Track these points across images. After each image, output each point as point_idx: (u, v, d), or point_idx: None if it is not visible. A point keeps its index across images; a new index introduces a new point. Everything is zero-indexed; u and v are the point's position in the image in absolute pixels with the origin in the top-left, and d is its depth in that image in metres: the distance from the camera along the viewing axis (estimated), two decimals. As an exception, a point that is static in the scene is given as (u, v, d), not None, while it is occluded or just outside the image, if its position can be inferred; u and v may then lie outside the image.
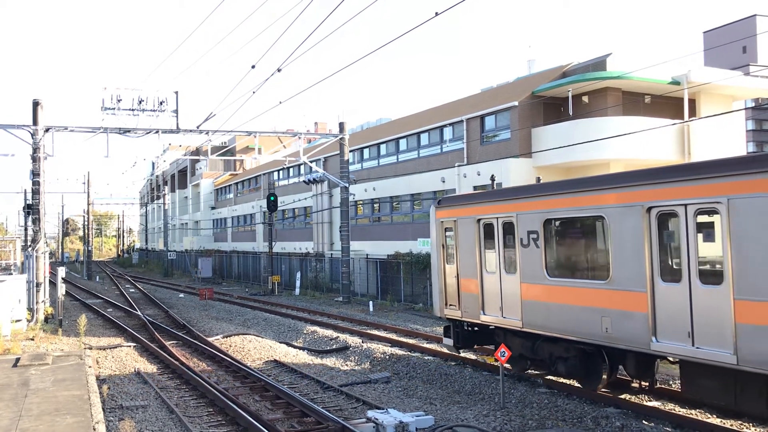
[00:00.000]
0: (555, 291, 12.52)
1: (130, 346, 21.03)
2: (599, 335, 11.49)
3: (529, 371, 14.70)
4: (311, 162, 37.63)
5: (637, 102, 28.37)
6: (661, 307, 10.37)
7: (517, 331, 13.81)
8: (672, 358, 11.09)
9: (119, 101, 29.56)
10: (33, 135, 27.85)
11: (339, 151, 35.78)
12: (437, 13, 11.85)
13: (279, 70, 16.89)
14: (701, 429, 10.68)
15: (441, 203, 16.44)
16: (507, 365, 14.08)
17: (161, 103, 30.06)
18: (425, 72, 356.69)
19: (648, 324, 10.51)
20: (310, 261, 43.09)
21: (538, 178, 16.88)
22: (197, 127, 30.71)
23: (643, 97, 28.74)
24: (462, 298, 15.34)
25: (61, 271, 30.37)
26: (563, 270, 12.68)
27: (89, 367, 15.09)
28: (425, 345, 19.19)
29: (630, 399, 12.48)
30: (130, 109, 29.77)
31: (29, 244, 30.07)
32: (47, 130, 28.39)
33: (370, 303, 30.53)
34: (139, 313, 29.30)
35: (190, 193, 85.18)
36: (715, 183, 9.47)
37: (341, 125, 35.66)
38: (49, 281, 30.42)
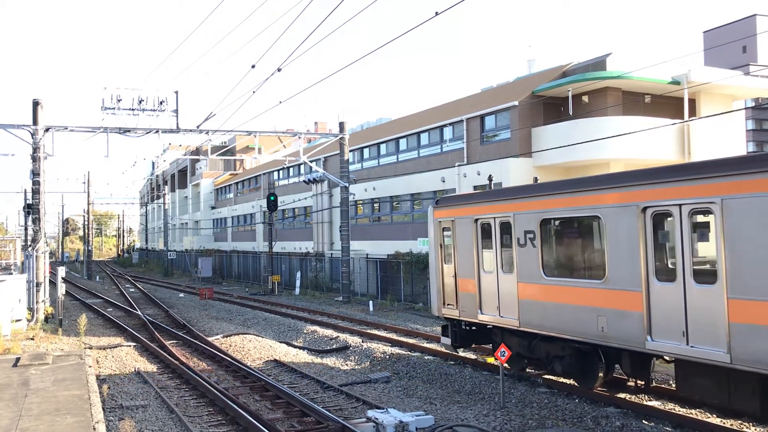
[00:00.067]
0: (551, 290, 12.57)
1: (130, 346, 21.03)
2: (595, 334, 11.54)
3: (527, 370, 14.73)
4: (311, 162, 37.63)
5: (637, 102, 28.37)
6: (656, 306, 10.42)
7: (514, 330, 13.85)
8: (667, 357, 11.12)
9: (119, 101, 29.57)
10: (33, 135, 27.86)
11: (339, 151, 35.79)
12: (437, 13, 11.85)
13: (279, 70, 16.89)
14: (701, 429, 10.68)
15: (439, 203, 16.47)
16: (505, 364, 14.09)
17: (161, 102, 30.07)
18: (425, 72, 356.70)
19: (643, 323, 10.57)
20: (310, 261, 43.10)
21: (535, 178, 16.92)
22: (197, 126, 30.73)
23: (643, 96, 28.74)
24: (460, 298, 15.37)
25: (61, 271, 30.38)
26: (560, 269, 12.73)
27: (89, 366, 15.09)
28: (425, 345, 19.20)
29: (630, 399, 12.48)
30: (130, 109, 29.79)
31: (29, 243, 30.09)
32: (47, 130, 28.40)
33: (370, 303, 30.54)
34: (139, 312, 29.31)
35: (190, 193, 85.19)
36: (709, 183, 9.53)
37: (341, 125, 35.66)
38: (49, 281, 30.44)
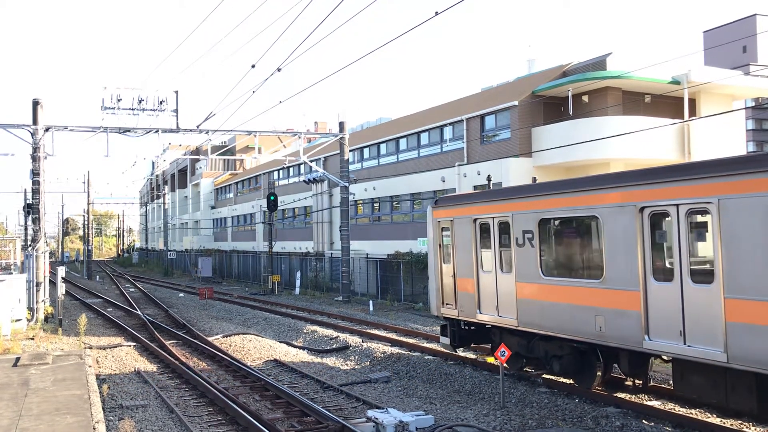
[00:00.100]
0: (550, 290, 12.59)
1: (130, 346, 21.03)
2: (593, 334, 11.56)
3: (525, 369, 14.73)
4: (311, 161, 37.62)
5: (637, 101, 28.36)
6: (654, 306, 10.44)
7: (512, 330, 13.87)
8: (665, 357, 11.14)
9: (119, 101, 29.55)
10: (33, 134, 27.85)
11: (339, 151, 35.78)
12: (437, 13, 11.84)
13: (279, 70, 16.87)
14: (701, 429, 10.68)
15: (438, 203, 16.50)
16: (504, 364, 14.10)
17: (161, 102, 30.06)
18: (425, 72, 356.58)
19: (641, 323, 10.59)
20: (310, 260, 43.10)
21: (534, 179, 16.95)
22: (197, 126, 30.72)
23: (643, 96, 28.72)
24: (459, 297, 15.39)
25: (61, 271, 30.38)
26: (558, 269, 12.77)
27: (89, 366, 15.08)
28: (425, 344, 19.19)
29: (630, 398, 12.48)
30: (130, 109, 29.77)
31: (29, 243, 30.09)
32: (47, 130, 28.39)
33: (370, 302, 30.53)
34: (139, 312, 29.31)
35: (190, 193, 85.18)
36: (706, 183, 9.56)
37: (341, 125, 35.64)
38: (49, 281, 30.42)
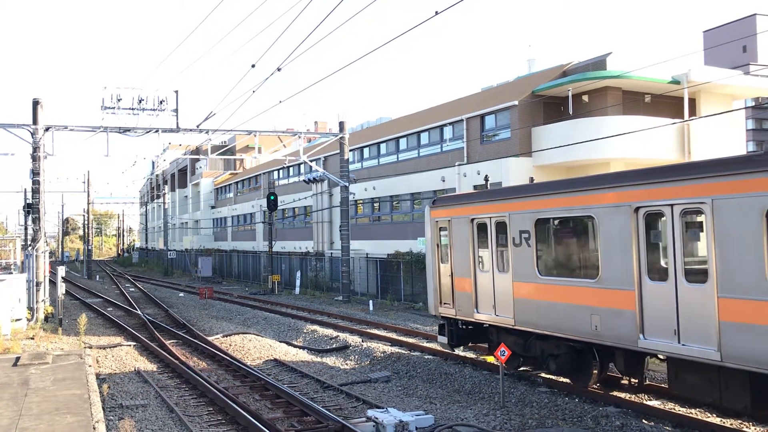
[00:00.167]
0: (546, 289, 12.65)
1: (130, 345, 21.03)
2: (589, 333, 11.62)
3: (521, 368, 14.75)
4: (311, 161, 37.61)
5: (637, 101, 28.36)
6: (649, 305, 10.50)
7: (509, 329, 13.91)
8: (660, 356, 11.17)
9: (119, 100, 29.56)
10: (33, 134, 27.85)
11: (339, 151, 35.78)
12: (437, 12, 11.84)
13: (279, 69, 16.86)
14: (701, 428, 10.69)
15: (436, 203, 16.56)
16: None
17: (161, 102, 30.06)
18: (425, 72, 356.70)
19: (636, 322, 10.64)
20: (310, 260, 43.10)
21: (531, 179, 17.00)
22: (197, 126, 30.72)
23: (643, 96, 28.72)
24: (456, 297, 15.44)
25: (61, 270, 30.39)
26: (554, 269, 12.82)
27: (89, 366, 15.08)
28: (425, 344, 19.19)
29: (630, 398, 12.48)
30: (130, 109, 29.78)
31: (29, 243, 30.09)
32: (47, 130, 28.39)
33: (370, 302, 30.53)
34: (139, 312, 29.31)
35: (190, 193, 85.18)
36: (700, 184, 9.62)
37: (341, 124, 35.65)
38: (49, 280, 30.43)
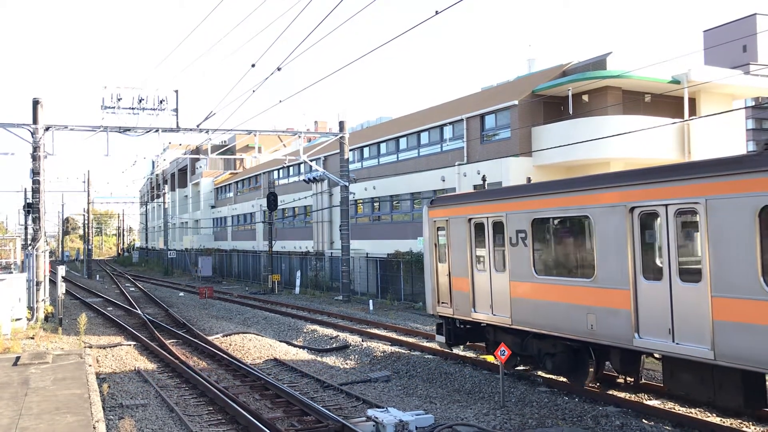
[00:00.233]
0: (542, 289, 12.72)
1: (130, 345, 21.03)
2: (585, 332, 11.68)
3: (519, 367, 14.77)
4: (311, 161, 37.61)
5: (637, 101, 28.35)
6: (644, 304, 10.57)
7: (507, 328, 13.98)
8: (656, 355, 11.21)
9: (119, 100, 29.58)
10: (33, 134, 27.86)
11: (339, 150, 35.78)
12: (437, 12, 11.85)
13: (279, 69, 16.86)
14: (701, 428, 10.70)
15: (434, 203, 16.62)
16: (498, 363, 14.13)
17: (161, 101, 30.08)
18: (425, 72, 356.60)
19: (631, 321, 10.71)
20: (310, 260, 43.11)
21: (528, 179, 17.04)
22: (197, 125, 30.74)
23: (643, 96, 28.72)
24: (454, 296, 15.50)
25: (61, 270, 30.37)
26: (550, 268, 12.88)
27: (89, 365, 15.08)
28: (425, 344, 19.19)
29: (629, 398, 12.50)
30: (130, 108, 29.80)
31: (29, 242, 30.09)
32: (47, 129, 28.40)
33: (370, 302, 30.54)
34: (139, 311, 29.31)
35: (190, 192, 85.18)
36: (694, 184, 9.69)
37: (341, 124, 35.65)
38: (49, 280, 30.44)
